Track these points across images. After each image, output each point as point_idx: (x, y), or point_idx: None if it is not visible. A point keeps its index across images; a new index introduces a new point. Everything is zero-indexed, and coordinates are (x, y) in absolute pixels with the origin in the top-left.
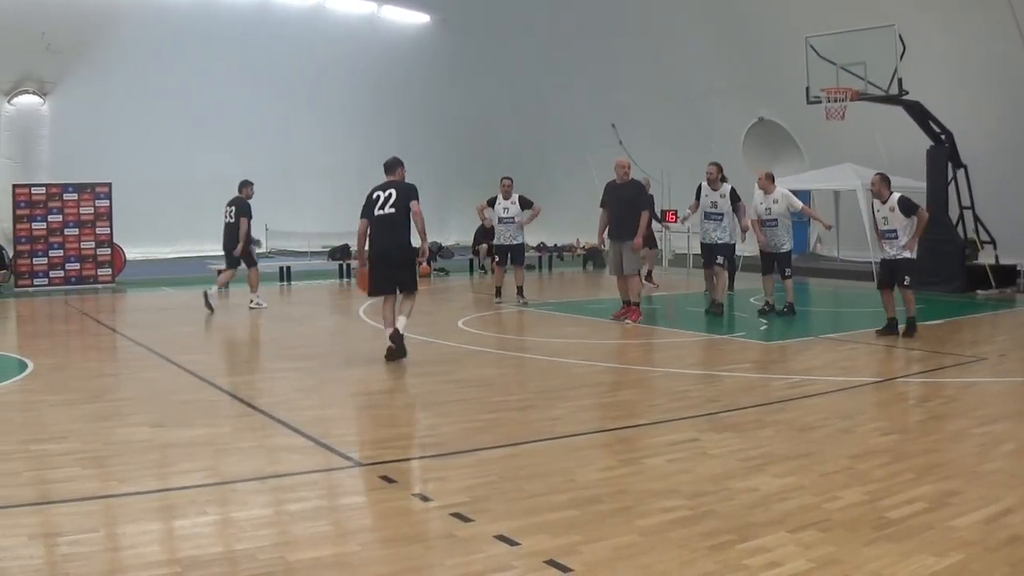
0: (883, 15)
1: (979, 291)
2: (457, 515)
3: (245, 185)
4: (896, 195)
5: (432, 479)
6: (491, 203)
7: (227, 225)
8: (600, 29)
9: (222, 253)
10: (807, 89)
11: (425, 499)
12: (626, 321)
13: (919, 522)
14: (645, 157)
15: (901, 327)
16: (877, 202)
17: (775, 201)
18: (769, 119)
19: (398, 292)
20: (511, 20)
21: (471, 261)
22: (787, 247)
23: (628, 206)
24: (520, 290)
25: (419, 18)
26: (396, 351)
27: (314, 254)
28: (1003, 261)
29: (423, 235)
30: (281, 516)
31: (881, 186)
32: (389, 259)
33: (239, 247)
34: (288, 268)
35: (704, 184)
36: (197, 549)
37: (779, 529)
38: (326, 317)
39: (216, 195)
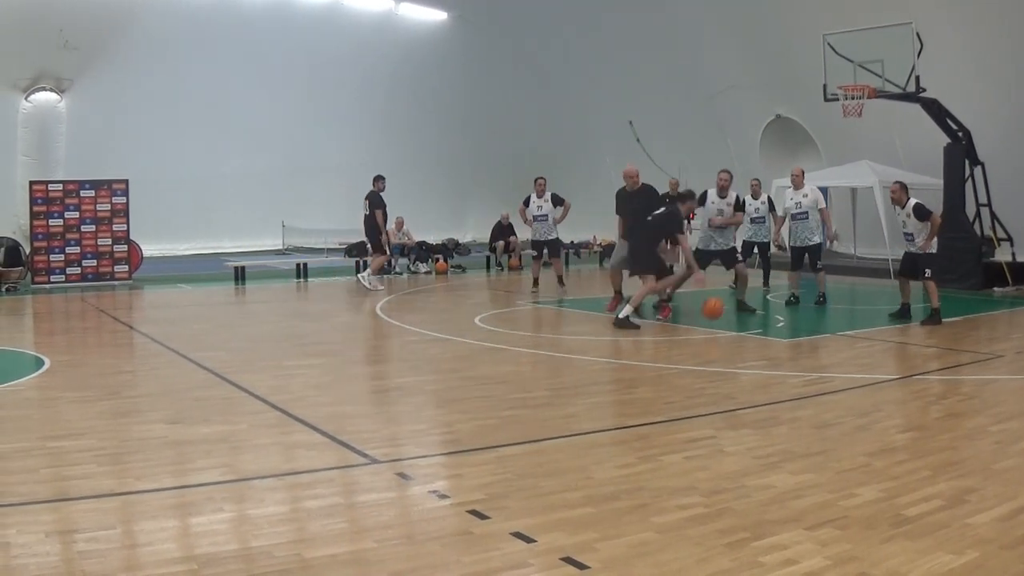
0: (900, 12)
1: (996, 288)
2: (474, 512)
3: (377, 179)
4: (912, 201)
5: (449, 476)
6: (526, 203)
7: (365, 217)
8: (617, 26)
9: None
10: (824, 86)
11: (442, 496)
12: (658, 317)
13: (936, 520)
14: (662, 154)
15: (918, 318)
16: (897, 207)
17: (805, 195)
18: (786, 116)
19: None
20: (527, 17)
21: (488, 258)
22: (816, 240)
23: (643, 212)
24: (560, 279)
25: (436, 15)
26: None
27: (331, 251)
28: (1020, 258)
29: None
30: (298, 513)
31: (900, 193)
32: None
33: (382, 236)
34: (305, 265)
35: (712, 191)
36: (214, 546)
37: (795, 527)
38: (343, 314)
39: (232, 191)
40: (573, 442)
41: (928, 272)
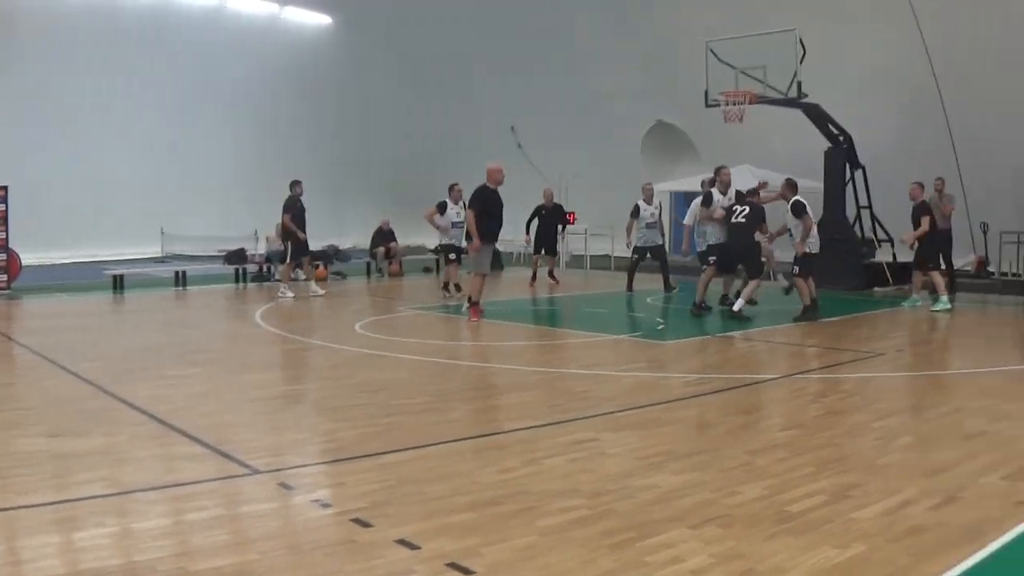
0: (784, 20)
1: (876, 288)
2: (357, 520)
3: (294, 184)
4: (794, 199)
5: (331, 485)
6: (441, 209)
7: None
8: (500, 32)
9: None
10: (706, 92)
11: (325, 505)
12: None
13: (820, 515)
14: (544, 159)
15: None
16: (783, 203)
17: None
18: (668, 122)
19: None
20: (411, 23)
21: (368, 264)
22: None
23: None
24: (458, 286)
25: (321, 19)
26: None
27: (210, 258)
28: (900, 259)
29: None
30: (180, 526)
31: (784, 189)
32: None
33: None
34: (184, 272)
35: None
36: (97, 561)
37: (680, 526)
38: (222, 322)
39: (112, 198)
40: (455, 447)
41: (795, 269)
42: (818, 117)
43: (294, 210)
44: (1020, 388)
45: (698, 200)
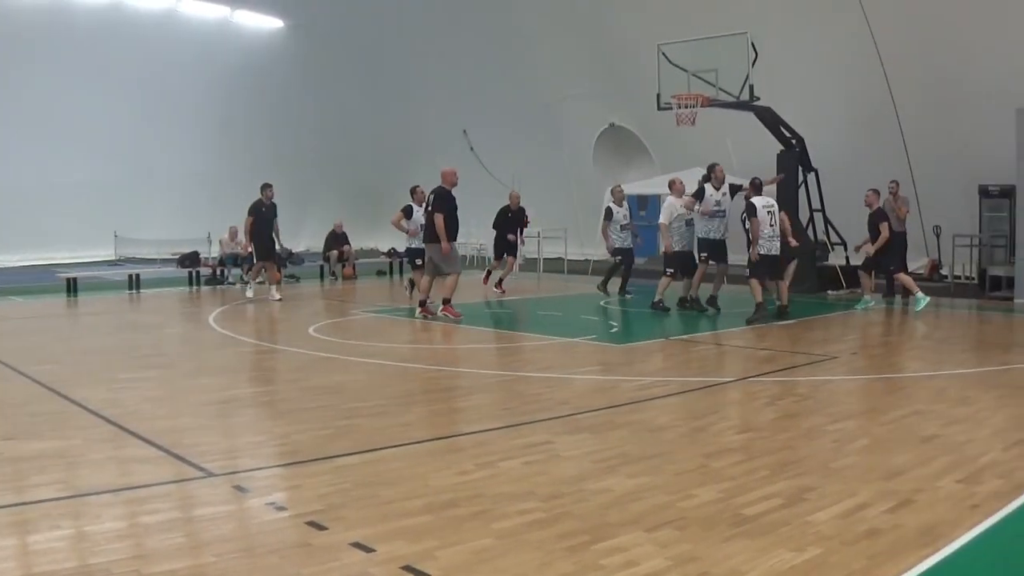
0: (736, 23)
1: (830, 291)
2: (312, 523)
3: (264, 188)
4: (753, 199)
5: (286, 488)
6: (407, 213)
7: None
8: (453, 35)
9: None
10: (658, 96)
11: (280, 508)
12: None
13: (776, 518)
14: (496, 163)
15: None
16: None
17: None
18: (620, 125)
19: None
20: (365, 26)
21: (322, 267)
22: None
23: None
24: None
25: (272, 23)
26: None
27: (163, 261)
28: (854, 262)
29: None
30: (135, 529)
31: (748, 190)
32: None
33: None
34: (137, 276)
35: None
36: (52, 564)
37: (635, 529)
38: (176, 325)
39: (65, 201)
40: (410, 450)
41: (747, 271)
42: (770, 120)
43: (256, 214)
44: (973, 392)
45: (673, 199)
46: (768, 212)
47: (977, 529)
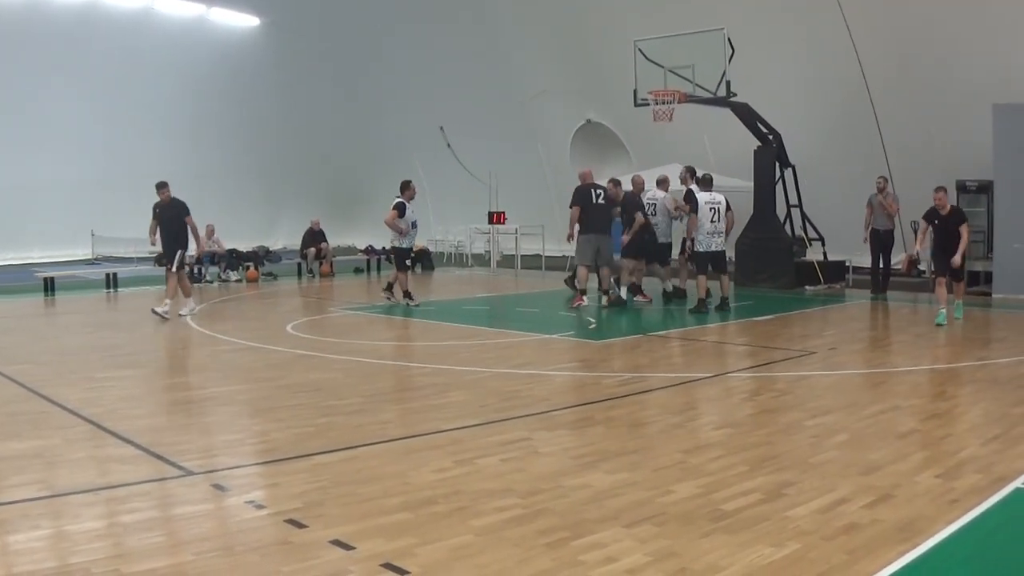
0: (712, 19)
1: (808, 287)
2: (291, 521)
3: (160, 187)
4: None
5: (265, 486)
6: (401, 211)
7: None
8: (429, 32)
9: (165, 252)
10: (635, 92)
11: (259, 506)
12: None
13: (755, 513)
14: (473, 159)
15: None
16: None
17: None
18: (597, 121)
19: None
20: (339, 23)
21: (299, 265)
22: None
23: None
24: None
25: (248, 20)
26: None
27: (140, 260)
28: (832, 257)
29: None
30: (115, 528)
31: (685, 175)
32: None
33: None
34: (115, 275)
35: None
36: (32, 563)
37: (614, 524)
38: (154, 324)
39: (41, 200)
40: (389, 448)
41: (691, 266)
42: (747, 116)
43: (153, 216)
44: (951, 387)
45: (667, 198)
46: (711, 208)
47: (956, 524)
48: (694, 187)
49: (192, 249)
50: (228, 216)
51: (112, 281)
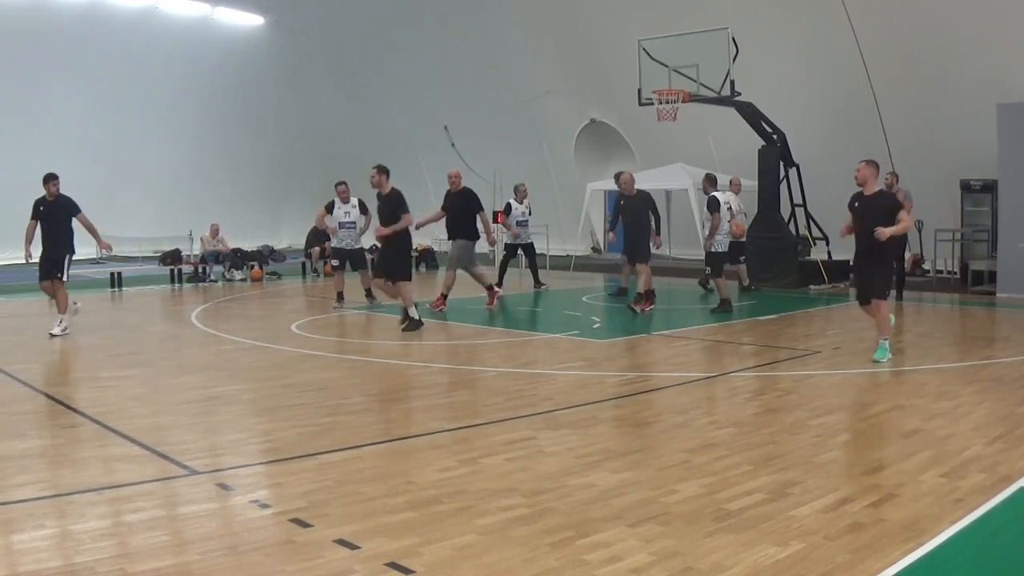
0: (717, 18)
1: (812, 286)
2: (296, 520)
3: (47, 179)
4: (712, 193)
5: (270, 485)
6: (329, 209)
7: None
8: (433, 30)
9: (50, 259)
10: (639, 91)
11: (263, 506)
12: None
13: (759, 513)
14: (477, 158)
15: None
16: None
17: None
18: (601, 120)
19: None
20: (345, 22)
21: (304, 264)
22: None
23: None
24: (369, 292)
25: (253, 20)
26: None
27: (145, 259)
28: (836, 257)
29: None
30: (119, 527)
31: (706, 183)
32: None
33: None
34: (119, 274)
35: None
36: (37, 563)
37: (618, 524)
38: (158, 323)
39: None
40: (393, 447)
41: (707, 270)
42: (752, 115)
43: (35, 215)
44: (955, 386)
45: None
46: (728, 209)
47: (960, 523)
48: (717, 194)
49: (97, 252)
50: (232, 215)
51: (117, 280)
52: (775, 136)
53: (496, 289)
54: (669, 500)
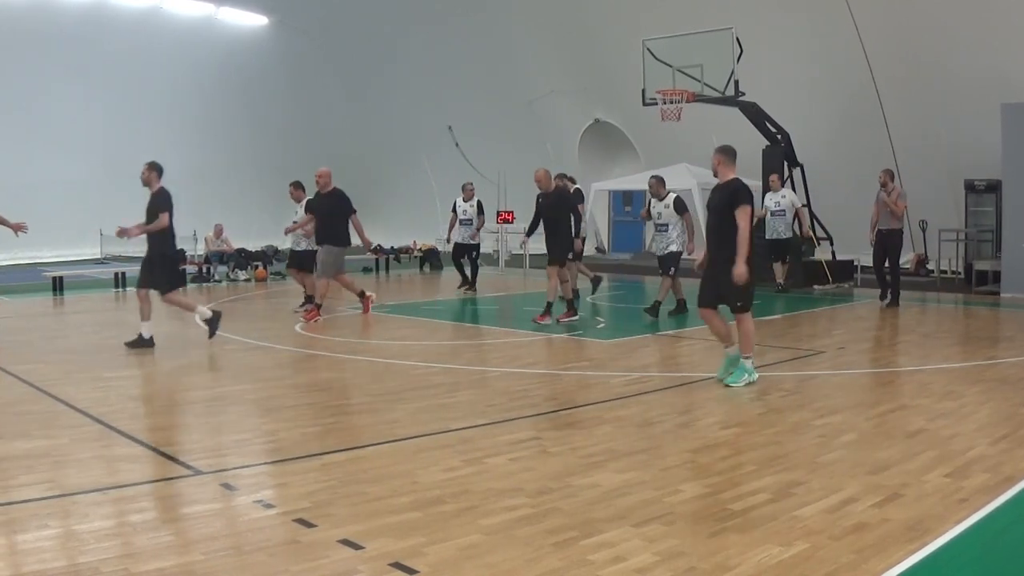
0: (721, 18)
1: (816, 286)
2: (300, 521)
3: None
4: (672, 195)
5: (274, 485)
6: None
7: None
8: (436, 31)
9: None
10: (643, 91)
11: (267, 506)
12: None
13: (763, 513)
14: (481, 159)
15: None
16: (654, 200)
17: (784, 196)
18: (605, 120)
19: None
20: (349, 22)
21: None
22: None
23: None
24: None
25: (257, 20)
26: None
27: None
28: (840, 257)
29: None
30: (123, 527)
31: (658, 187)
32: None
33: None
34: (123, 274)
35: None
36: (41, 563)
37: (623, 524)
38: (161, 323)
39: (49, 199)
40: (397, 447)
41: (672, 270)
42: (756, 115)
43: None
44: (959, 386)
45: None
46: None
47: (965, 523)
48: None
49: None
50: (237, 216)
51: (121, 280)
52: (779, 136)
53: (370, 295)
54: (673, 500)
